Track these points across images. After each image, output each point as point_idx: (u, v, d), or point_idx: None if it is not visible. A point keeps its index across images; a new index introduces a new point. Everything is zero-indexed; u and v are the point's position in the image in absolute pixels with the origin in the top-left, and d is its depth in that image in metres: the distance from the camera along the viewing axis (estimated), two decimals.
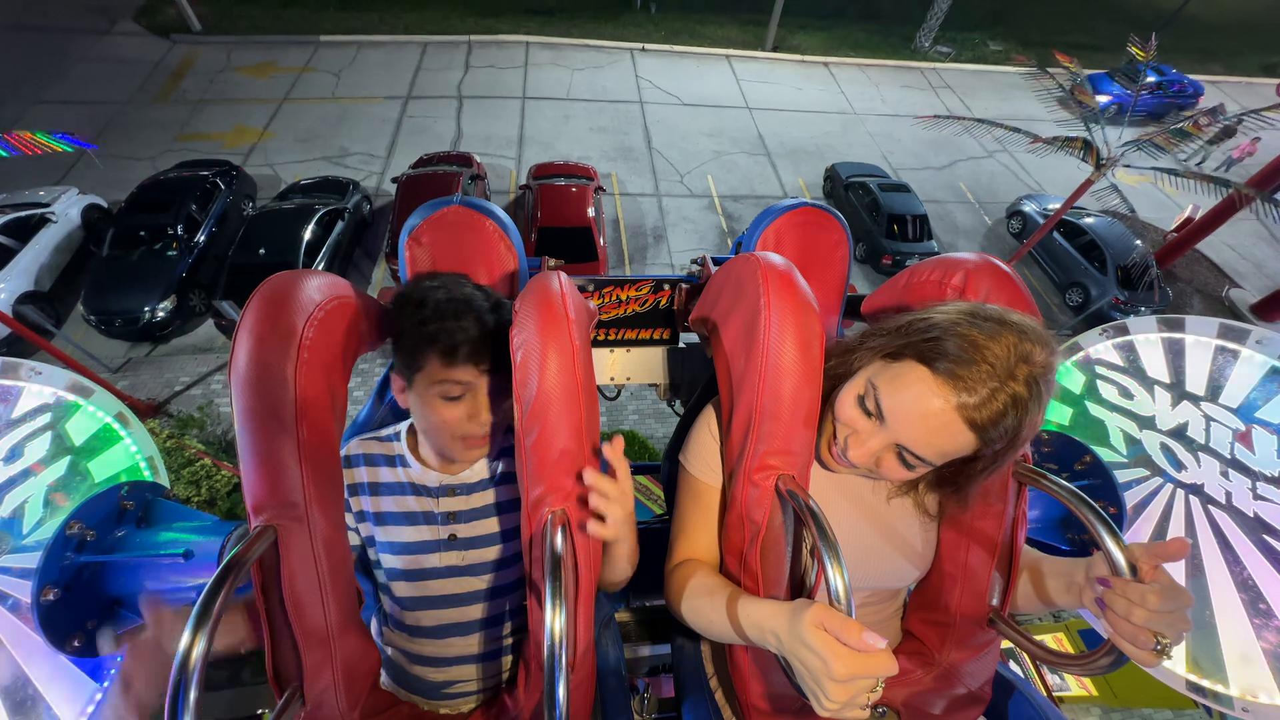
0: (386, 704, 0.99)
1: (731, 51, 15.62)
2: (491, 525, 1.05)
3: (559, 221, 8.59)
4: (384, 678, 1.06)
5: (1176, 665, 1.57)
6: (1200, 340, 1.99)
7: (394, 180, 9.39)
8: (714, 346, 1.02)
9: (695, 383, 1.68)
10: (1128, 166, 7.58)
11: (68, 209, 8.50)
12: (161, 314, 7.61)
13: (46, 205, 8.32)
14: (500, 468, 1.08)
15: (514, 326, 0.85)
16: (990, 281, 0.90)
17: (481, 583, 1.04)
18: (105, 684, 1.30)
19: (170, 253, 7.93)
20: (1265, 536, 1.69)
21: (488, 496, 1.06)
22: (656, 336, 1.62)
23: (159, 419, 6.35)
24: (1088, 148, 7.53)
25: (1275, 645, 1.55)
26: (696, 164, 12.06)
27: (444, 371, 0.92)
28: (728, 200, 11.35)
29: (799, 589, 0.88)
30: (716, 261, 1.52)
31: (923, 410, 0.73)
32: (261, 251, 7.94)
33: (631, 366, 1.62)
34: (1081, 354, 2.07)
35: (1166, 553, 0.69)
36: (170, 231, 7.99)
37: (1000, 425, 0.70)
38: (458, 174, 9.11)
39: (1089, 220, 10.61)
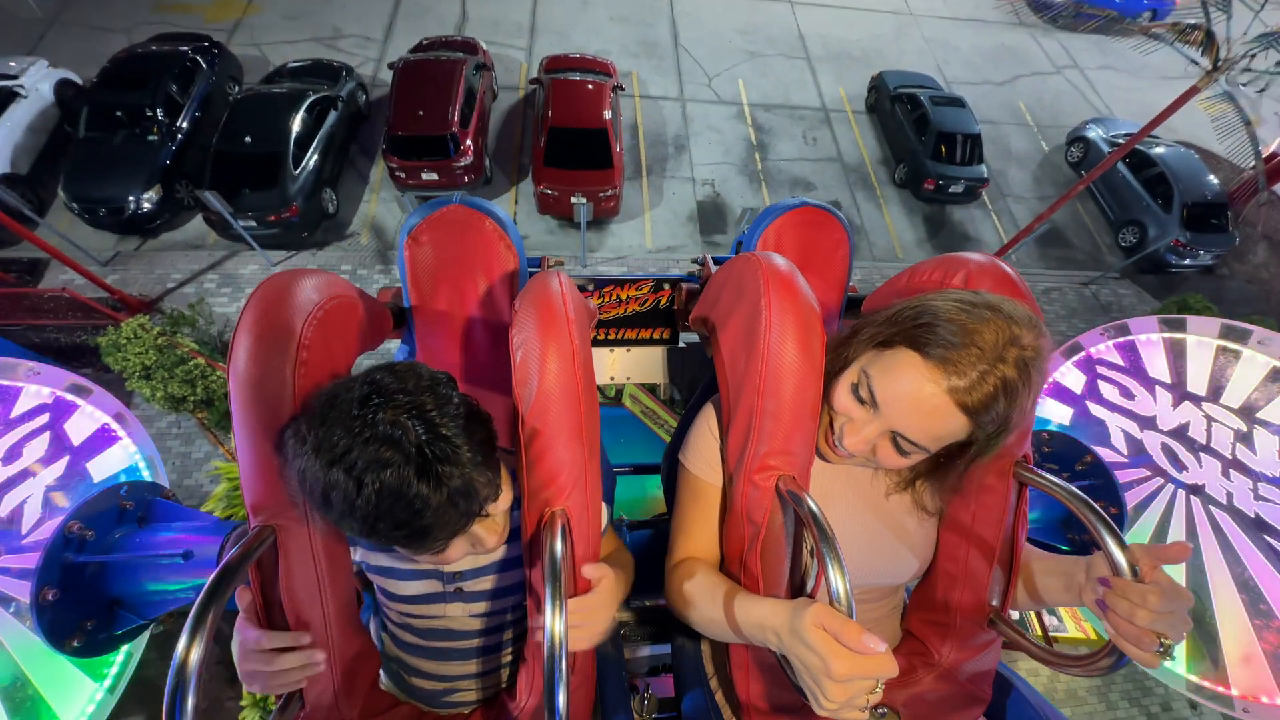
0: (386, 704, 0.99)
1: None
2: (502, 578, 0.99)
3: (572, 122, 7.78)
4: (383, 678, 1.06)
5: (1177, 665, 1.57)
6: (1202, 340, 1.98)
7: (390, 66, 8.51)
8: (714, 346, 1.02)
9: (695, 383, 1.68)
10: (1249, 69, 6.33)
11: (38, 83, 7.80)
12: (147, 205, 7.08)
13: (14, 77, 7.64)
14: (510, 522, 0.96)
15: (514, 326, 0.85)
16: (991, 283, 0.90)
17: (482, 613, 1.00)
18: (106, 681, 1.30)
19: (151, 137, 7.33)
20: (1266, 537, 1.69)
21: (497, 554, 0.97)
22: (656, 336, 1.62)
23: (150, 315, 5.95)
24: (1209, 40, 6.08)
25: (1275, 645, 1.55)
26: (727, 65, 10.82)
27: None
28: (759, 109, 10.17)
29: (799, 589, 0.88)
30: (717, 261, 1.52)
31: (915, 395, 0.73)
32: (247, 140, 7.26)
33: (631, 366, 1.62)
34: (1082, 354, 2.07)
35: (1167, 556, 0.69)
36: (149, 113, 7.35)
37: (992, 408, 0.71)
38: (461, 61, 8.25)
39: (1160, 150, 9.26)
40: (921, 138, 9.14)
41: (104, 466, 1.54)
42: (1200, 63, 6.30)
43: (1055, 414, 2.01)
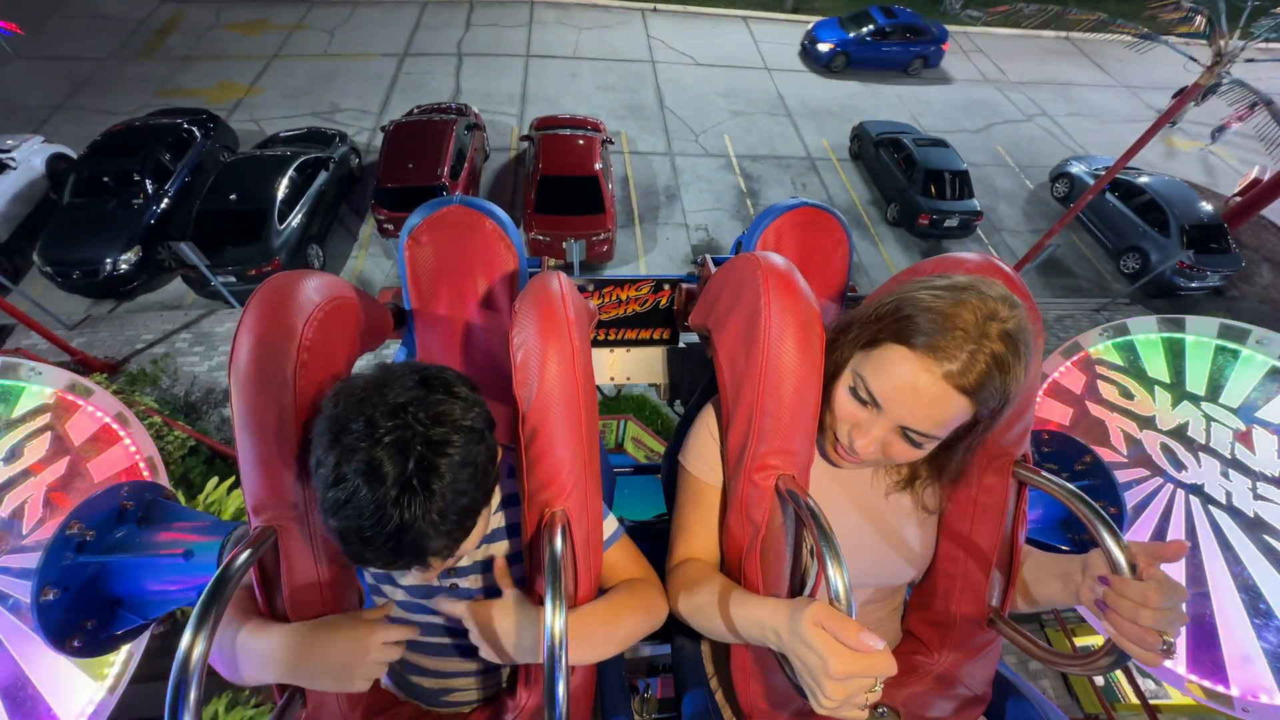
0: (386, 704, 0.99)
1: (749, 13, 14.91)
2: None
3: (563, 170, 7.86)
4: (383, 678, 1.06)
5: (1178, 665, 1.57)
6: (1200, 340, 1.99)
7: (382, 129, 8.80)
8: (714, 346, 1.02)
9: (695, 383, 1.68)
10: (1251, 60, 6.18)
11: (30, 157, 7.92)
12: (125, 266, 6.94)
13: (6, 151, 7.72)
14: (505, 519, 0.97)
15: (514, 327, 0.85)
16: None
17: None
18: (106, 681, 1.30)
19: (136, 201, 7.27)
20: (1266, 536, 1.69)
21: (493, 550, 0.96)
22: (656, 336, 1.62)
23: (110, 376, 5.79)
24: (1211, 29, 5.96)
25: (1275, 645, 1.55)
26: (713, 123, 11.46)
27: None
28: (746, 160, 10.74)
29: (799, 589, 0.88)
30: (716, 261, 1.52)
31: (913, 387, 0.74)
32: (232, 197, 7.25)
33: (631, 366, 1.62)
34: (1082, 354, 2.07)
35: (1164, 554, 0.69)
36: (136, 178, 7.33)
37: (988, 385, 0.72)
38: (452, 121, 8.48)
39: (1146, 179, 9.66)
40: (910, 177, 9.45)
41: (104, 466, 1.54)
42: (1199, 60, 6.24)
43: (1055, 414, 2.01)
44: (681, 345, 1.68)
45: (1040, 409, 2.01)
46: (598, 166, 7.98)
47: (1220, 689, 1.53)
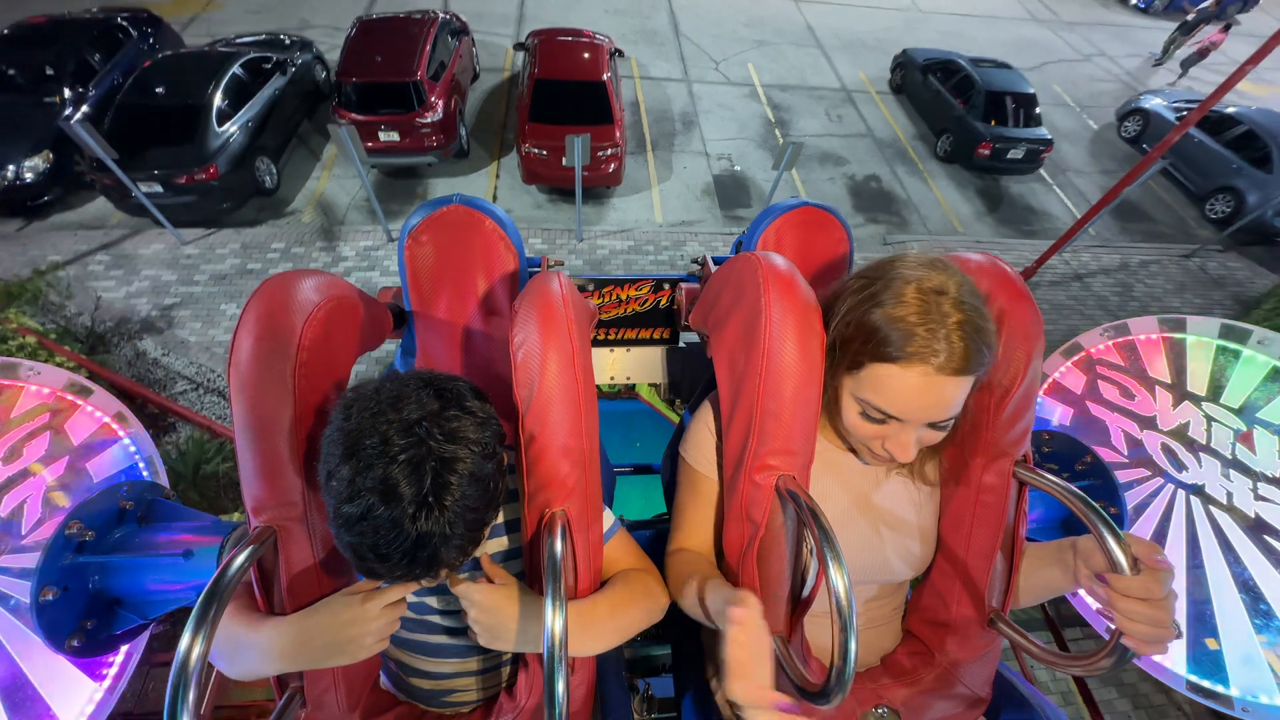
0: (386, 704, 0.99)
1: None
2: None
3: (564, 75, 6.66)
4: (383, 679, 1.06)
5: (1177, 665, 1.57)
6: (1202, 341, 1.99)
7: (352, 26, 7.49)
8: (714, 346, 1.02)
9: (695, 382, 1.68)
10: None
11: None
12: (30, 175, 5.73)
13: None
14: (503, 514, 0.97)
15: (514, 327, 0.85)
16: (992, 282, 0.90)
17: None
18: (106, 681, 1.30)
19: (49, 99, 6.07)
20: (1266, 537, 1.69)
21: (489, 549, 0.95)
22: (656, 336, 1.62)
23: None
24: None
25: (1275, 645, 1.55)
26: (734, 51, 10.47)
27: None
28: (774, 90, 9.71)
29: (799, 589, 0.88)
30: (717, 261, 1.52)
31: (917, 392, 0.76)
32: (160, 91, 6.01)
33: (631, 366, 1.62)
34: (1082, 354, 2.07)
35: (1145, 549, 0.72)
36: (50, 72, 6.15)
37: (975, 354, 0.74)
38: (432, 19, 7.24)
39: (1238, 110, 8.38)
40: (968, 101, 8.20)
41: (104, 466, 1.53)
42: None
43: (1055, 414, 2.01)
44: (681, 345, 1.68)
45: (1040, 409, 2.00)
46: (605, 75, 6.85)
47: (1220, 689, 1.52)
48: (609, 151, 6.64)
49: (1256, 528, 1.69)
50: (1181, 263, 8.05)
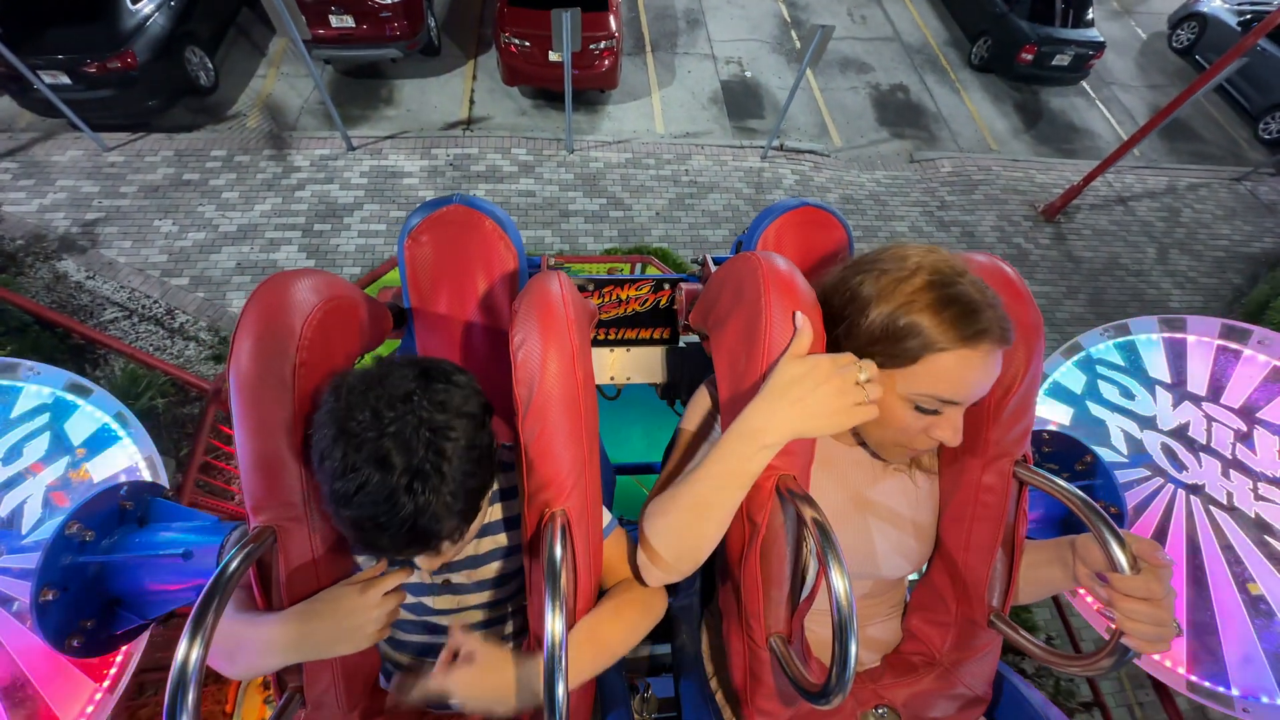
0: (386, 705, 0.99)
1: None
2: (491, 569, 0.97)
3: None
4: (382, 680, 1.06)
5: (1177, 665, 1.57)
6: (1202, 340, 1.99)
7: None
8: (714, 346, 1.02)
9: (695, 382, 1.67)
10: None
11: None
12: None
13: None
14: (502, 511, 0.97)
15: (514, 327, 0.85)
16: (993, 282, 0.90)
17: (474, 605, 0.99)
18: (106, 681, 1.30)
19: None
20: (1266, 537, 1.69)
21: (486, 546, 0.96)
22: (656, 336, 1.62)
23: None
24: None
25: (1275, 645, 1.55)
26: None
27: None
28: None
29: (799, 589, 0.88)
30: (717, 261, 1.52)
31: (982, 369, 0.76)
32: None
33: (631, 366, 1.61)
34: (1082, 354, 2.07)
35: (1146, 548, 0.72)
36: None
37: (1006, 320, 0.76)
38: None
39: None
40: None
41: (104, 466, 1.54)
42: None
43: (1055, 414, 2.01)
44: (682, 345, 1.68)
45: (1040, 409, 2.00)
46: None
47: (1220, 690, 1.52)
48: (603, 45, 5.75)
49: (1257, 528, 1.69)
50: (1232, 186, 7.39)
